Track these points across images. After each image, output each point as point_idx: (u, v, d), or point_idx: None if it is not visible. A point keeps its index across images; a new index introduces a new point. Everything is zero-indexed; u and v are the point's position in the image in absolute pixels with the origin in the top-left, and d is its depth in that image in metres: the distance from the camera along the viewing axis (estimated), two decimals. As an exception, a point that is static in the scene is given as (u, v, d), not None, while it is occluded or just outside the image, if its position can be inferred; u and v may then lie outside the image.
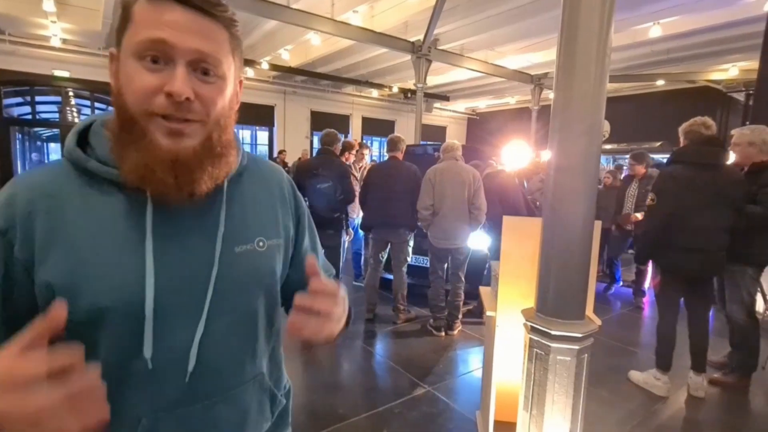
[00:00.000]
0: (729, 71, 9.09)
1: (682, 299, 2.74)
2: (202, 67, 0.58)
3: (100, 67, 8.91)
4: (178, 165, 0.57)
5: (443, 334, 3.55)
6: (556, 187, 1.56)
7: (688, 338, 2.72)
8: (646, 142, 9.37)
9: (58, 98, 9.22)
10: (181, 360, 0.61)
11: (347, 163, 4.21)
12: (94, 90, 9.37)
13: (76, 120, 9.92)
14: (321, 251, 0.89)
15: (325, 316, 0.61)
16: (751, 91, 9.04)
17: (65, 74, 8.71)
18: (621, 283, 4.98)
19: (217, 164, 0.62)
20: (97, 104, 9.83)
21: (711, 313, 2.76)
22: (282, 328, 0.76)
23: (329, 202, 3.51)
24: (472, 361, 3.16)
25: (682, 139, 2.70)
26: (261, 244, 0.70)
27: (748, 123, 4.18)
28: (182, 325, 0.61)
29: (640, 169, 4.45)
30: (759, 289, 2.83)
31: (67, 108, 9.52)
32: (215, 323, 0.63)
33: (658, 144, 9.45)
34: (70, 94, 9.40)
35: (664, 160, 8.56)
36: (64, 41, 8.32)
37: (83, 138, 0.63)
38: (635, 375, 2.87)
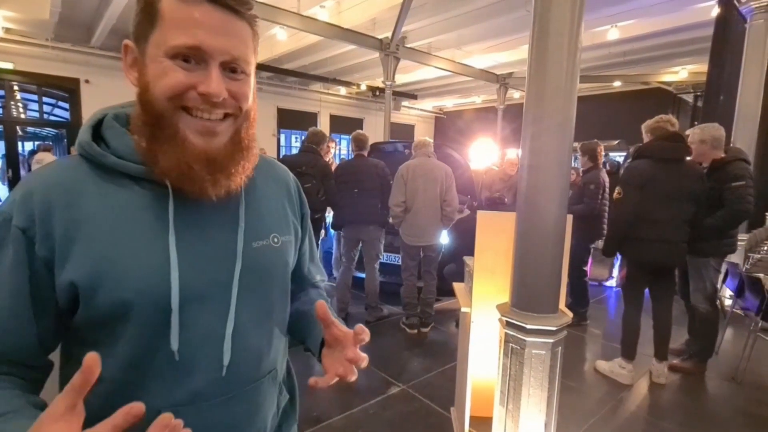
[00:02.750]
0: (679, 74, 9.59)
1: (647, 291, 2.84)
2: (232, 67, 0.60)
3: (47, 59, 8.31)
4: (212, 163, 0.59)
5: (417, 331, 3.54)
6: (530, 181, 1.57)
7: (651, 328, 2.84)
8: (603, 140, 9.70)
9: (1, 92, 8.59)
10: (214, 353, 0.62)
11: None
12: (42, 84, 8.79)
13: (22, 116, 9.29)
14: (317, 254, 0.91)
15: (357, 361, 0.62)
16: (699, 93, 9.60)
17: (8, 66, 8.07)
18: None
19: (247, 156, 0.64)
20: (45, 99, 9.22)
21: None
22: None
23: (311, 203, 3.41)
24: (446, 358, 3.17)
25: (646, 136, 2.80)
26: (275, 240, 0.72)
27: (696, 123, 4.41)
28: (209, 317, 0.62)
29: (584, 162, 3.85)
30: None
31: (12, 103, 8.88)
32: (241, 317, 0.65)
33: (615, 142, 9.86)
34: (15, 87, 8.78)
35: (620, 158, 8.97)
36: (7, 30, 7.70)
37: (96, 132, 0.63)
38: (601, 364, 2.96)
